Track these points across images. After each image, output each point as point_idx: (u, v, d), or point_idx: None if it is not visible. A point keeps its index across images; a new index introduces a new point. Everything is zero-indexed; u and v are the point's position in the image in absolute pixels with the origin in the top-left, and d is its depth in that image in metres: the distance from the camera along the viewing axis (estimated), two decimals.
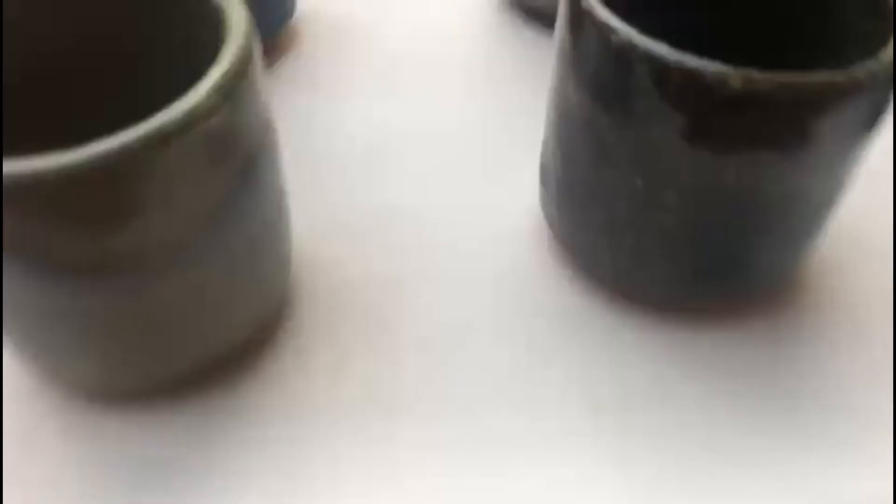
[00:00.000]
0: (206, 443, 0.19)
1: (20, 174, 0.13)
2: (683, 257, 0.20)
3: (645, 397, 0.20)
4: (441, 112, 0.28)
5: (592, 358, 0.21)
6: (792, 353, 0.21)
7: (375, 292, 0.22)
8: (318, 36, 0.31)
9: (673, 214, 0.19)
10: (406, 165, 0.26)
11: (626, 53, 0.17)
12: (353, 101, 0.28)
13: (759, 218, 0.19)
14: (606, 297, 0.22)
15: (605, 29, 0.17)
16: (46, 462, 0.18)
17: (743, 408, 0.20)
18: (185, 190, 0.15)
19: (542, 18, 0.30)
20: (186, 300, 0.17)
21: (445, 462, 0.18)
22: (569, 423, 0.19)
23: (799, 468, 0.19)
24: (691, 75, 0.16)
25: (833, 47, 0.20)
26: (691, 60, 0.16)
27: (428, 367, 0.20)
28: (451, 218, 0.24)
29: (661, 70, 0.16)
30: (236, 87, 0.15)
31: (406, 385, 0.20)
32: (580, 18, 0.18)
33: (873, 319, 0.22)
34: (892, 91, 0.17)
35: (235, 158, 0.16)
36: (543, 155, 0.22)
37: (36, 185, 0.13)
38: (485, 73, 0.29)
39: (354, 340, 0.21)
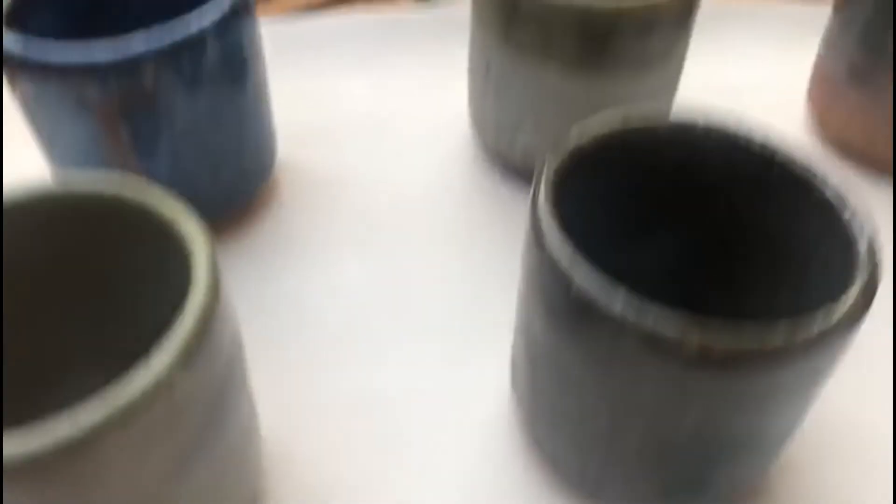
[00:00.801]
0: None
1: None
2: (650, 476, 0.20)
3: None
4: (413, 274, 0.28)
5: None
6: None
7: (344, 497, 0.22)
8: (295, 186, 0.31)
9: (639, 439, 0.19)
10: (376, 341, 0.26)
11: (584, 305, 0.17)
12: (327, 261, 0.28)
13: (723, 446, 0.19)
14: (576, 499, 0.22)
15: (564, 277, 0.17)
16: None
17: None
18: (148, 456, 0.15)
19: (520, 175, 0.31)
20: None
21: None
22: None
23: None
24: (649, 338, 0.16)
25: (797, 273, 0.20)
26: (649, 320, 0.16)
27: None
28: (419, 405, 0.24)
29: (618, 329, 0.16)
30: (199, 347, 0.16)
31: None
32: (541, 251, 0.18)
33: None
34: (853, 331, 0.17)
35: (199, 410, 0.16)
36: (514, 354, 0.22)
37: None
38: (461, 233, 0.29)
39: None
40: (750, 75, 0.37)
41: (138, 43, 0.23)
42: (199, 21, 0.24)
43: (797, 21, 0.40)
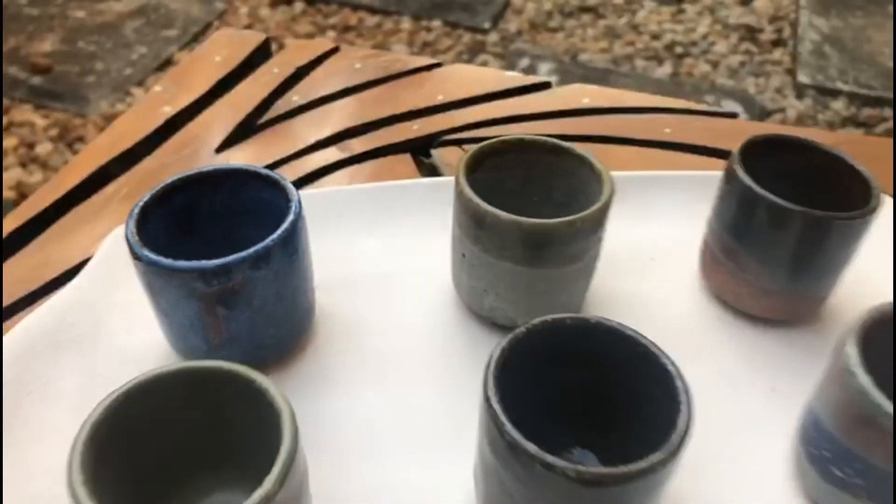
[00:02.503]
0: None
1: None
2: None
3: None
4: (413, 398, 0.40)
5: None
6: None
7: None
8: (326, 329, 0.43)
9: None
10: (383, 446, 0.37)
11: (511, 444, 0.29)
12: (350, 393, 0.40)
13: None
14: None
15: (500, 425, 0.29)
16: None
17: None
18: None
19: (487, 324, 0.43)
20: None
21: None
22: None
23: None
24: (549, 467, 0.28)
25: (646, 419, 0.32)
26: (549, 457, 0.28)
27: None
28: (412, 492, 0.35)
29: (531, 460, 0.28)
30: (287, 474, 0.27)
31: None
32: (487, 405, 0.30)
33: None
34: (674, 463, 0.29)
35: None
36: (474, 462, 0.34)
37: None
38: (445, 368, 0.41)
39: None
40: (665, 236, 0.49)
41: (230, 256, 0.35)
42: (270, 236, 0.36)
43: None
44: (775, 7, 2.21)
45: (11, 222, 0.51)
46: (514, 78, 0.65)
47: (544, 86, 0.64)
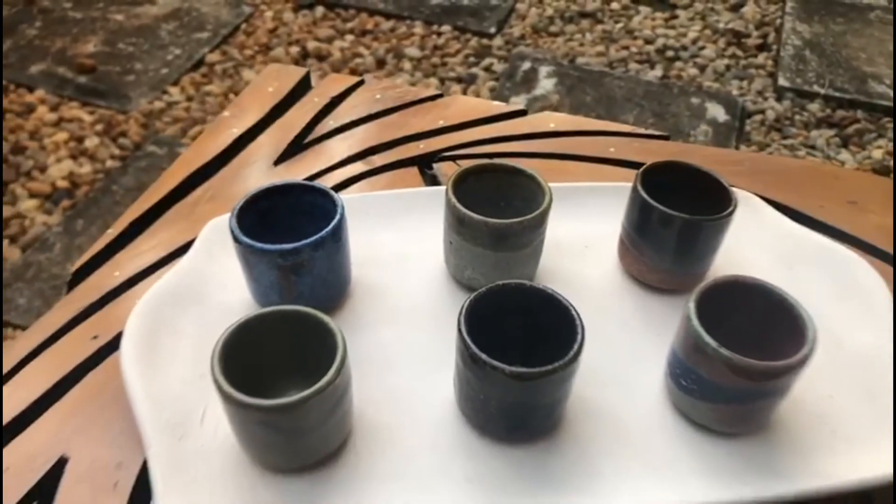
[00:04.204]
0: None
1: None
2: (502, 422, 0.51)
3: None
4: (417, 333, 0.59)
5: None
6: None
7: None
8: (361, 294, 0.63)
9: (495, 404, 0.50)
10: (399, 369, 0.57)
11: (473, 357, 0.48)
12: (374, 331, 0.60)
13: (526, 410, 0.50)
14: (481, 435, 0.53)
15: (468, 347, 0.49)
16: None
17: None
18: (324, 406, 0.47)
19: (466, 288, 0.62)
20: None
21: None
22: None
23: None
24: (495, 368, 0.47)
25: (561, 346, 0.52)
26: (495, 364, 0.47)
27: None
28: (411, 397, 0.55)
29: (484, 365, 0.48)
30: (341, 369, 0.47)
31: None
32: (461, 339, 0.49)
33: None
34: (574, 367, 0.48)
35: (340, 391, 0.48)
36: (454, 374, 0.54)
37: None
38: (437, 315, 0.61)
39: None
40: (595, 230, 0.68)
41: (299, 242, 0.55)
42: (324, 227, 0.56)
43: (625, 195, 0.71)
44: (763, 13, 2.37)
45: (129, 215, 0.71)
46: (498, 107, 0.84)
47: (521, 113, 0.83)
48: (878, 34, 2.26)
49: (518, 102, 1.97)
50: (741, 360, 0.48)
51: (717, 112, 1.98)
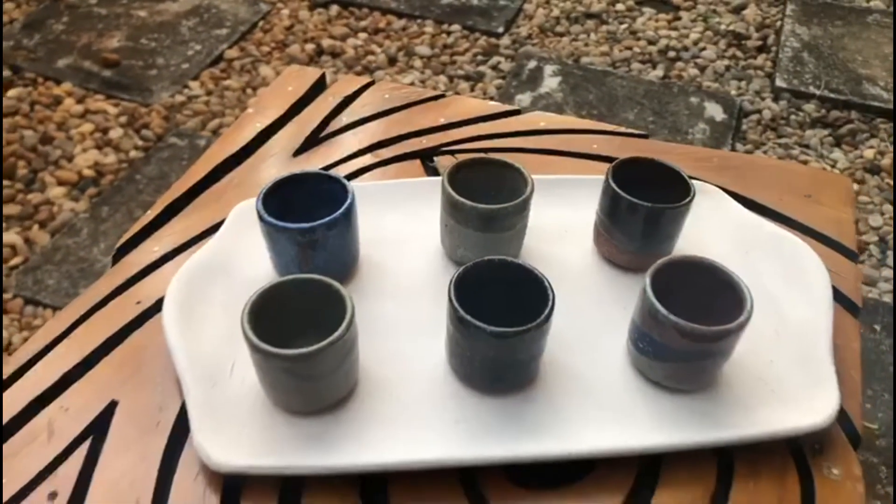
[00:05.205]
0: None
1: None
2: (485, 373, 0.60)
3: None
4: (416, 304, 0.68)
5: None
6: None
7: None
8: (368, 268, 0.72)
9: (479, 359, 0.59)
10: (395, 333, 0.66)
11: (462, 321, 0.58)
12: (378, 300, 0.69)
13: (507, 364, 0.59)
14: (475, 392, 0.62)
15: (457, 312, 0.58)
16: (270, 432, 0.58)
17: None
18: (335, 355, 0.56)
19: (460, 264, 0.72)
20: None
21: None
22: None
23: None
24: (481, 329, 0.57)
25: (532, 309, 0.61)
26: (482, 325, 0.57)
27: None
28: (407, 359, 0.64)
29: (469, 326, 0.57)
30: (349, 326, 0.56)
31: None
32: (451, 307, 0.59)
33: None
34: (545, 329, 0.58)
35: (348, 344, 0.57)
36: (446, 337, 0.63)
37: None
38: (433, 287, 0.70)
39: None
40: (575, 216, 0.77)
41: (315, 222, 0.64)
42: (337, 210, 0.65)
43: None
44: (763, 15, 2.45)
45: (165, 199, 0.80)
46: (494, 106, 0.93)
47: (514, 112, 0.92)
48: (876, 37, 2.33)
49: (523, 100, 2.06)
50: (687, 324, 0.57)
51: (714, 111, 2.06)
